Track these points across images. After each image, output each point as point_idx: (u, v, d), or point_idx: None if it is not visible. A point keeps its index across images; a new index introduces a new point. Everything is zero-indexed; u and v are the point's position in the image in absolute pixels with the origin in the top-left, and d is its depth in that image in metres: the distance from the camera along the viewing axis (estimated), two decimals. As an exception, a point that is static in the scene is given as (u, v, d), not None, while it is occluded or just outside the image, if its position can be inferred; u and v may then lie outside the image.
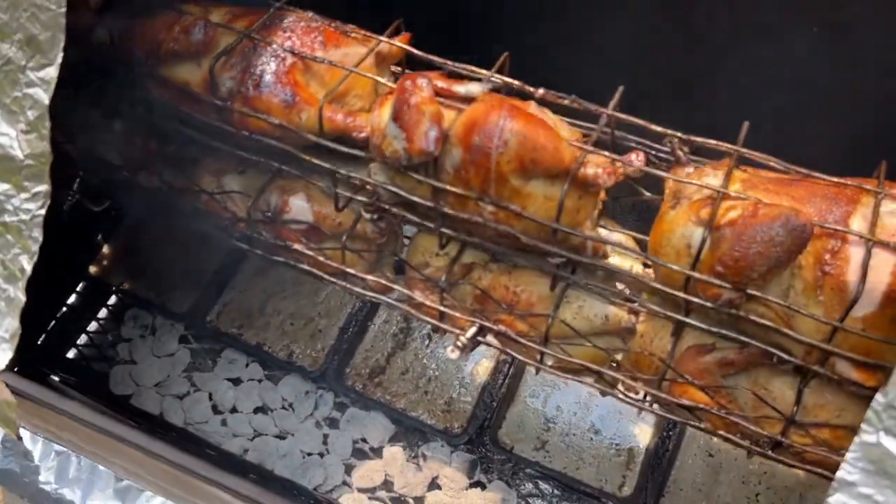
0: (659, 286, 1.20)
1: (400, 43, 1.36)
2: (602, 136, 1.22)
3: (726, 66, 1.77)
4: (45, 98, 1.14)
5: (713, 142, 1.20)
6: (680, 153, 1.19)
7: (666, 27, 1.76)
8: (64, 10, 1.09)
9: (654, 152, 1.27)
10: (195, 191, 1.49)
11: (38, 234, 1.21)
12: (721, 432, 1.26)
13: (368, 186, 1.33)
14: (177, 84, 1.35)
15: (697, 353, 1.22)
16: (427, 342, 2.24)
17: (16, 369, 1.22)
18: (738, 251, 1.07)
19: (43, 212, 1.20)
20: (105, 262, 2.37)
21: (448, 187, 1.22)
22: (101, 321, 2.29)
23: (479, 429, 2.08)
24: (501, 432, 2.09)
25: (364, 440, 2.10)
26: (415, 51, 1.32)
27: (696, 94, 1.41)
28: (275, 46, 1.31)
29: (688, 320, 1.23)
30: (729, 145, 1.20)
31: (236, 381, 2.19)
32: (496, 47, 1.31)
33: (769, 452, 1.17)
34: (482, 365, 2.18)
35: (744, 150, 1.18)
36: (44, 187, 1.19)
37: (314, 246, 1.45)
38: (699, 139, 1.19)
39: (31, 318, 1.24)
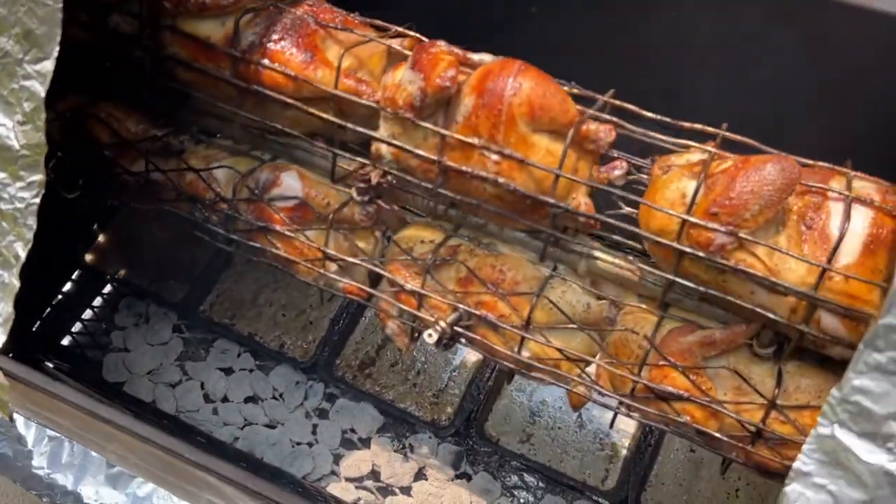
0: (650, 236, 1.24)
1: (411, 33, 1.41)
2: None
3: (711, 73, 1.81)
4: (41, 91, 1.18)
5: (699, 126, 1.25)
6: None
7: (654, 35, 1.80)
8: (61, 5, 1.13)
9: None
10: (182, 169, 1.53)
11: (32, 221, 1.25)
12: (699, 427, 1.30)
13: (369, 157, 1.38)
14: (198, 38, 1.42)
15: (679, 334, 1.27)
16: (416, 335, 2.28)
17: (10, 354, 1.26)
18: (732, 191, 1.14)
19: (37, 200, 1.24)
20: (100, 251, 2.41)
21: (455, 135, 1.28)
22: (95, 309, 2.34)
23: (466, 421, 2.12)
24: (488, 425, 2.14)
25: (353, 430, 2.14)
26: (425, 39, 1.36)
27: (682, 98, 1.45)
28: (299, 13, 1.41)
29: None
30: (714, 129, 1.25)
31: (228, 371, 2.24)
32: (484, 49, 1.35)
33: (749, 448, 1.21)
34: (470, 359, 2.22)
35: (728, 133, 1.23)
36: (38, 177, 1.23)
37: (298, 228, 1.48)
38: (686, 124, 1.23)
39: (26, 305, 1.28)
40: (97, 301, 2.36)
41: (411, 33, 1.41)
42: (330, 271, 1.51)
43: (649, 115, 1.30)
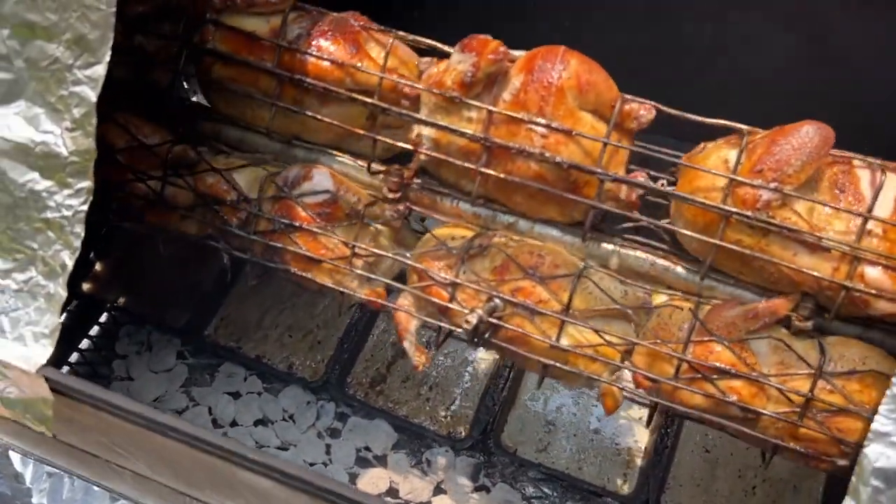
0: (695, 199, 1.29)
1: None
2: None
3: (713, 72, 1.88)
4: (92, 96, 1.18)
5: (722, 122, 1.30)
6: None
7: (657, 36, 1.87)
8: (114, 9, 1.14)
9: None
10: (203, 171, 1.53)
11: (80, 229, 1.24)
12: (745, 405, 1.31)
13: (414, 138, 1.43)
14: (243, 31, 1.48)
15: (722, 309, 1.30)
16: (428, 349, 2.28)
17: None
18: (775, 149, 1.24)
19: (85, 207, 1.23)
20: (98, 280, 2.37)
21: (504, 111, 1.35)
22: (94, 339, 2.29)
23: (482, 433, 2.12)
24: (504, 436, 2.14)
25: (367, 448, 2.13)
26: (445, 47, 1.40)
27: (683, 98, 1.51)
28: (342, 16, 1.49)
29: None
30: (740, 125, 1.30)
31: (235, 395, 2.21)
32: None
33: (798, 422, 1.24)
34: (482, 369, 2.23)
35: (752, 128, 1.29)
36: (87, 183, 1.22)
37: (326, 226, 1.49)
38: (709, 120, 1.28)
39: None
40: (94, 331, 2.31)
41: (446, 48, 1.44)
42: (357, 268, 1.51)
43: (668, 109, 1.35)
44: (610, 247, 1.50)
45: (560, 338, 1.41)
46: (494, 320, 1.41)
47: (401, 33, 1.46)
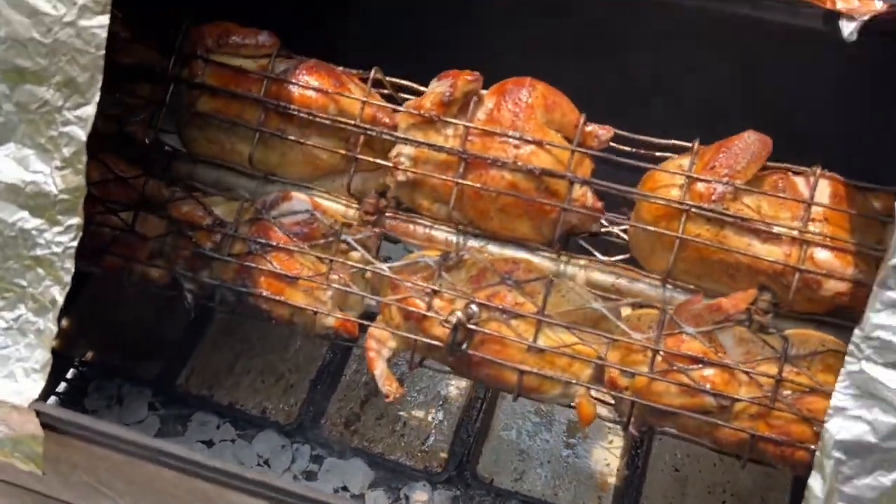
0: (653, 196, 1.43)
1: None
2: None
3: (655, 102, 2.01)
4: (82, 135, 1.24)
5: (673, 141, 1.43)
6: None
7: (601, 69, 2.00)
8: (103, 52, 1.21)
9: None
10: (181, 197, 1.61)
11: (70, 265, 1.29)
12: (719, 393, 1.38)
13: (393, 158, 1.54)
14: (232, 66, 1.61)
15: (689, 303, 1.40)
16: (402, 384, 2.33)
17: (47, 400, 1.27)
18: (724, 150, 1.43)
19: (75, 244, 1.28)
20: (65, 336, 2.37)
21: (480, 126, 1.50)
22: (61, 396, 2.29)
23: (458, 465, 2.17)
24: (480, 467, 2.19)
25: (345, 488, 2.15)
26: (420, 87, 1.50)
27: (630, 124, 1.62)
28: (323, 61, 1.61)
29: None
30: (686, 143, 1.43)
31: (209, 443, 2.22)
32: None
33: (771, 405, 1.33)
34: (455, 404, 2.28)
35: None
36: (77, 220, 1.27)
37: (300, 247, 1.55)
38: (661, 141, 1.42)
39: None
40: (62, 387, 2.31)
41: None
42: (333, 284, 1.56)
43: (623, 132, 1.48)
44: (580, 263, 1.59)
45: (536, 339, 1.48)
46: (473, 326, 1.47)
47: (378, 76, 1.57)
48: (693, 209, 1.41)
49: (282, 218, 1.57)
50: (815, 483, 1.09)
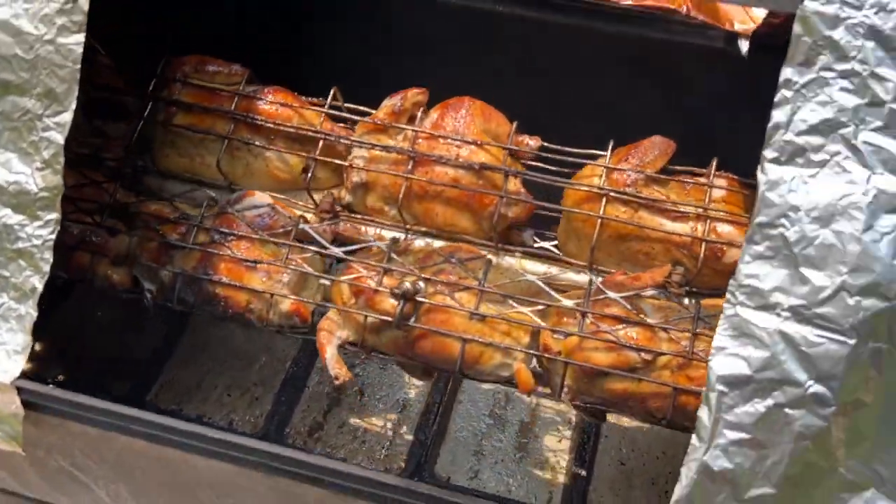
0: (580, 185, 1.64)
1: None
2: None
3: (583, 119, 2.24)
4: (59, 139, 1.42)
5: (593, 151, 1.64)
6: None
7: (534, 95, 2.22)
8: (79, 66, 1.40)
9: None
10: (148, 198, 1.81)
11: (48, 255, 1.45)
12: (643, 347, 1.55)
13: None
14: (206, 86, 1.83)
15: (613, 276, 1.62)
16: (359, 397, 2.49)
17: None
18: (635, 148, 1.69)
19: (53, 236, 1.45)
20: (37, 359, 2.50)
21: (427, 130, 1.73)
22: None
23: (417, 466, 2.31)
24: (437, 467, 2.33)
25: (309, 492, 2.28)
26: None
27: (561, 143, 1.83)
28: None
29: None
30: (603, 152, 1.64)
31: (179, 455, 2.35)
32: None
33: (689, 356, 1.52)
34: (414, 409, 2.43)
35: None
36: (55, 215, 1.45)
37: (261, 235, 1.74)
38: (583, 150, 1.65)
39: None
40: (36, 409, 2.43)
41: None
42: (290, 268, 1.73)
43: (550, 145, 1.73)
44: (515, 255, 1.78)
45: (479, 306, 1.65)
46: (419, 298, 1.64)
47: (336, 95, 1.80)
48: (611, 193, 1.63)
49: (244, 212, 1.74)
50: (703, 413, 1.27)
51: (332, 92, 1.81)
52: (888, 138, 1.21)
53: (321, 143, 1.77)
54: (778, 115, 1.24)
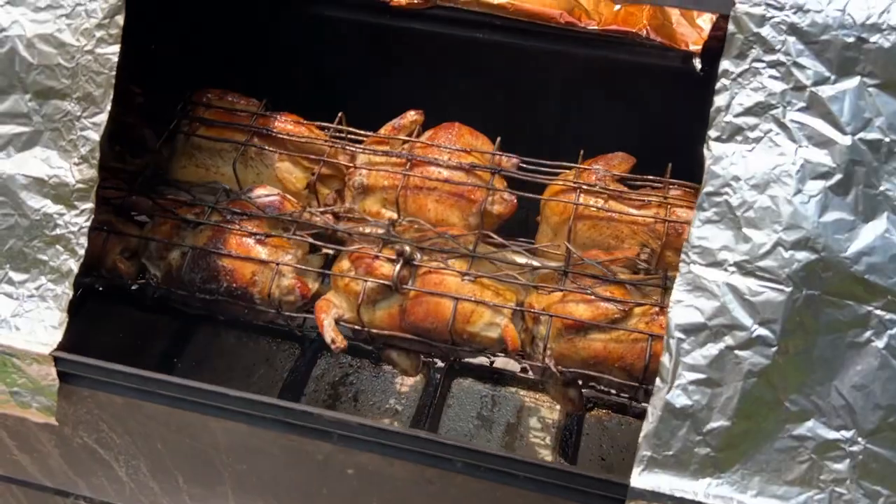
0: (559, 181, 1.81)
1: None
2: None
3: (556, 133, 2.49)
4: (96, 136, 1.63)
5: (560, 163, 1.91)
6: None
7: (515, 113, 2.48)
8: (114, 72, 1.62)
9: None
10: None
11: (83, 241, 1.65)
12: (617, 300, 1.77)
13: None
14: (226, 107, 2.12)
15: (588, 252, 1.89)
16: (354, 403, 2.67)
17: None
18: (602, 157, 1.98)
19: (88, 224, 1.65)
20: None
21: (421, 140, 2.01)
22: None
23: (409, 464, 2.48)
24: (428, 465, 2.50)
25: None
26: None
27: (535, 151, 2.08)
28: None
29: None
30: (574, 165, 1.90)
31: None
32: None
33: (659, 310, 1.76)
34: (406, 413, 2.61)
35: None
36: (90, 205, 1.65)
37: (270, 214, 1.98)
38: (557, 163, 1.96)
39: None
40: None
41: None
42: (293, 250, 1.95)
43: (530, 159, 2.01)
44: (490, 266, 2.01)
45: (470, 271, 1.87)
46: (415, 260, 1.86)
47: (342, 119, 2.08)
48: (583, 185, 1.90)
49: (256, 199, 1.96)
50: (665, 359, 1.47)
51: (338, 116, 2.05)
52: (811, 117, 1.45)
53: (326, 153, 2.02)
54: (719, 101, 1.48)
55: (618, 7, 2.27)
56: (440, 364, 2.73)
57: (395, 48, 2.43)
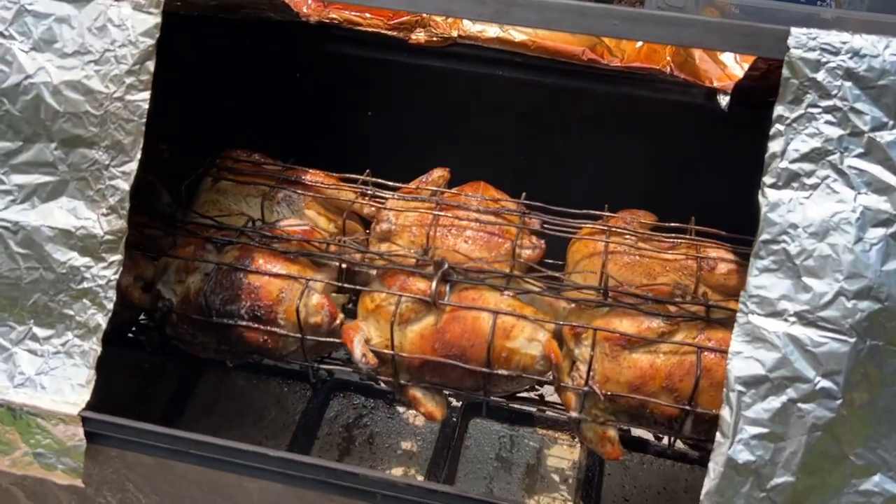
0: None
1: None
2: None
3: (577, 169, 2.47)
4: (125, 186, 1.57)
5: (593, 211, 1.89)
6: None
7: (534, 150, 2.45)
8: (144, 119, 1.56)
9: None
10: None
11: (112, 294, 1.58)
12: (665, 313, 1.76)
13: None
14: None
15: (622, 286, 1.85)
16: (369, 446, 2.60)
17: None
18: (626, 211, 1.95)
19: (116, 277, 1.58)
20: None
21: (448, 191, 2.04)
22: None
23: None
24: None
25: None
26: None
27: (560, 198, 2.05)
28: None
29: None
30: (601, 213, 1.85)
31: None
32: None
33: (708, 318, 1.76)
34: (423, 455, 2.55)
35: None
36: (118, 257, 1.58)
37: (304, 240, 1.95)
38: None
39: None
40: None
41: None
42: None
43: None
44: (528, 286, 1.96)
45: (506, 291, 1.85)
46: (455, 278, 1.83)
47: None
48: (613, 228, 1.89)
49: (284, 227, 1.92)
50: (725, 412, 1.43)
51: (366, 172, 2.05)
52: (869, 163, 1.43)
53: (353, 202, 2.00)
54: (774, 146, 1.45)
55: (640, 44, 2.25)
56: (456, 403, 2.68)
57: (414, 86, 2.39)
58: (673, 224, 1.95)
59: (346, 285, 1.95)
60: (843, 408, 1.41)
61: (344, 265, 1.94)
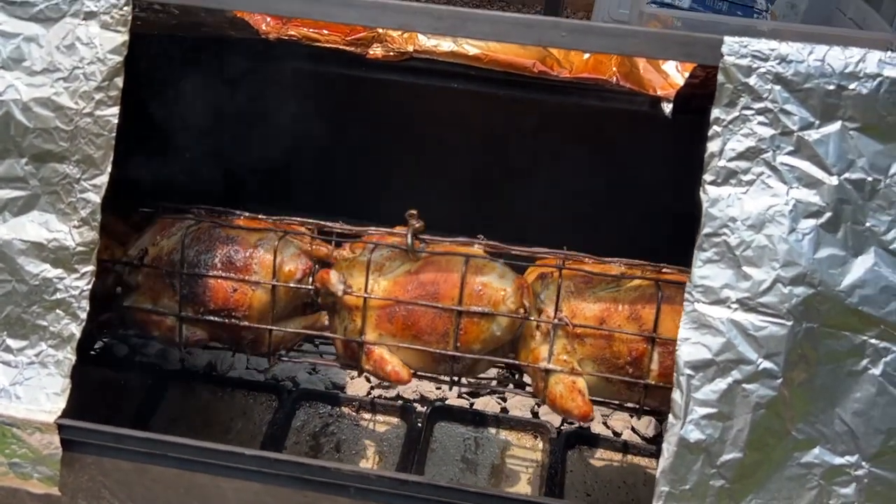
0: None
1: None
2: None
3: (533, 182, 2.57)
4: (97, 199, 1.62)
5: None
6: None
7: (489, 159, 2.54)
8: (115, 134, 1.62)
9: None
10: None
11: (85, 304, 1.63)
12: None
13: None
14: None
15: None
16: (337, 453, 2.66)
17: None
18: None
19: (89, 287, 1.63)
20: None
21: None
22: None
23: None
24: None
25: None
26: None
27: (514, 209, 2.15)
28: None
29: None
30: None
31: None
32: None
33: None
34: (391, 458, 2.61)
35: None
36: (91, 267, 1.63)
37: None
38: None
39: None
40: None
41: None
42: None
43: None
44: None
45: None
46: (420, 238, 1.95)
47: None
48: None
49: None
50: (676, 395, 1.53)
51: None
52: (799, 159, 1.55)
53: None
54: (712, 146, 1.56)
55: (587, 56, 2.36)
56: (421, 409, 2.75)
57: (371, 99, 2.48)
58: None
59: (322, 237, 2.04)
60: (784, 387, 1.51)
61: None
